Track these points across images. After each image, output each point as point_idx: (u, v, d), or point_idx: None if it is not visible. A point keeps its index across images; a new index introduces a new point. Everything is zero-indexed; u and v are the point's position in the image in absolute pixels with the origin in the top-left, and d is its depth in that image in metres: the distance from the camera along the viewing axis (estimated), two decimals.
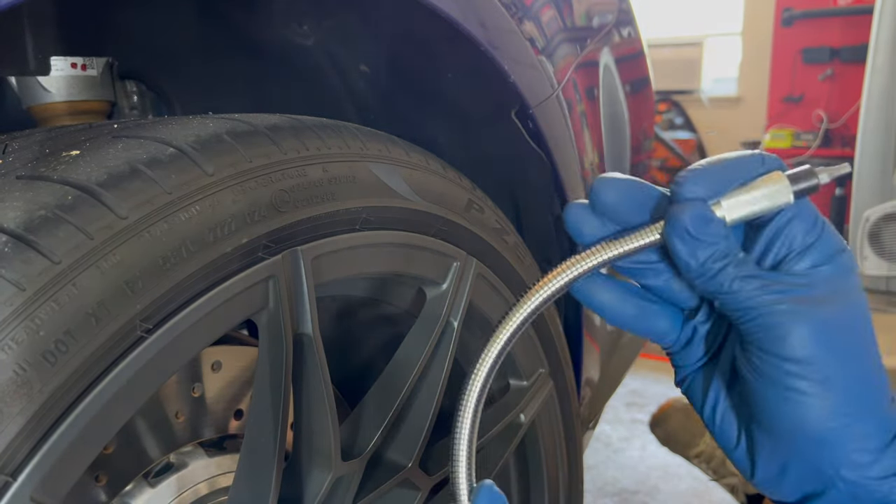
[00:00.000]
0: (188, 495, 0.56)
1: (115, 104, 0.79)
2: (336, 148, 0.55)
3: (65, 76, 0.72)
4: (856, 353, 0.35)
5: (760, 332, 0.34)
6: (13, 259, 0.36)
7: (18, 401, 0.35)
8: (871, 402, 0.35)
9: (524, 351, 0.76)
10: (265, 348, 0.50)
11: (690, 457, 1.54)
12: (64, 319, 0.37)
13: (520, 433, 0.75)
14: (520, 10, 0.73)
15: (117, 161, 0.42)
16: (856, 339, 0.35)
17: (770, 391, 0.35)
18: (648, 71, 1.27)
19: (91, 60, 0.74)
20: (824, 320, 0.34)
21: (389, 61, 0.76)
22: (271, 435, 0.49)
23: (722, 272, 0.34)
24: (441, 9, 0.60)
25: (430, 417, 0.63)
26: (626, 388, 2.32)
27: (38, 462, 0.36)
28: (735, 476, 1.46)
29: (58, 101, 0.72)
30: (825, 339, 0.34)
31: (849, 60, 3.61)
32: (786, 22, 3.79)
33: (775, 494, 0.39)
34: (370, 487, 0.59)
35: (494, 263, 0.71)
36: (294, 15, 0.73)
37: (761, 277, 0.34)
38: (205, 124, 0.48)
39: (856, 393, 0.35)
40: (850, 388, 0.34)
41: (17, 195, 0.39)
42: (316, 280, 0.52)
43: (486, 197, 0.72)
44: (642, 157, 1.23)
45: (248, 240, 0.46)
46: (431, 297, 0.65)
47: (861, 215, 3.24)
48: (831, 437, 0.35)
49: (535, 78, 0.74)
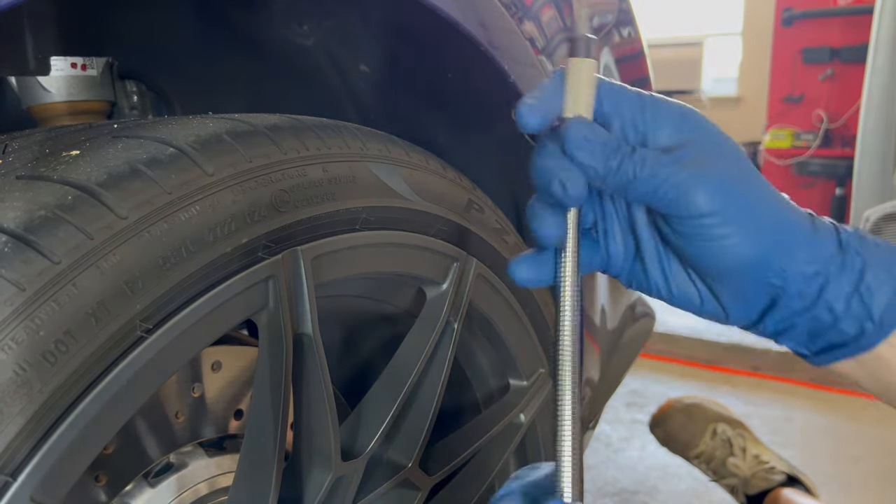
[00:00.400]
0: (188, 495, 0.56)
1: (115, 104, 0.79)
2: (336, 148, 0.55)
3: (65, 76, 0.72)
4: (754, 183, 0.41)
5: (673, 202, 0.39)
6: (13, 259, 0.36)
7: (18, 401, 0.35)
8: (787, 215, 0.42)
9: (524, 351, 0.76)
10: (265, 348, 0.50)
11: (690, 457, 1.54)
12: (64, 319, 0.37)
13: (520, 433, 0.75)
14: (520, 10, 0.73)
15: (117, 161, 0.42)
16: (746, 171, 0.41)
17: (705, 246, 0.41)
18: (648, 71, 1.26)
19: (91, 60, 0.74)
20: (719, 171, 0.39)
21: (389, 61, 0.76)
22: (271, 435, 0.49)
23: (622, 165, 0.39)
24: (441, 9, 0.60)
25: (430, 417, 0.63)
26: (626, 388, 2.32)
27: (38, 462, 0.36)
28: (735, 476, 1.46)
29: (58, 101, 0.72)
30: (726, 186, 0.39)
31: (849, 60, 3.61)
32: (786, 22, 3.79)
33: (753, 326, 0.45)
34: (370, 487, 0.59)
35: (494, 263, 0.71)
36: (294, 15, 0.73)
37: (651, 158, 0.39)
38: (205, 124, 0.48)
39: (771, 212, 0.41)
40: (764, 210, 0.41)
41: (17, 195, 0.39)
42: (316, 280, 0.52)
43: (486, 197, 0.72)
44: None
45: (248, 240, 0.46)
46: (431, 298, 0.65)
47: (861, 215, 3.24)
48: (768, 255, 0.41)
49: (535, 78, 0.74)
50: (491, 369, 0.77)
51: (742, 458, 1.46)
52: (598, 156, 0.39)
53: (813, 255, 0.42)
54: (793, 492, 1.37)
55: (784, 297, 0.43)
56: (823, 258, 0.42)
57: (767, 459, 1.46)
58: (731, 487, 1.47)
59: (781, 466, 1.44)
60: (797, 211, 0.43)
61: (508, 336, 0.74)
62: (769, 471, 1.43)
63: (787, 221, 0.42)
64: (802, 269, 0.42)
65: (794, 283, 0.42)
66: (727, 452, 1.48)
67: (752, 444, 1.49)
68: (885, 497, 1.64)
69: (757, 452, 1.47)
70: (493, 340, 0.74)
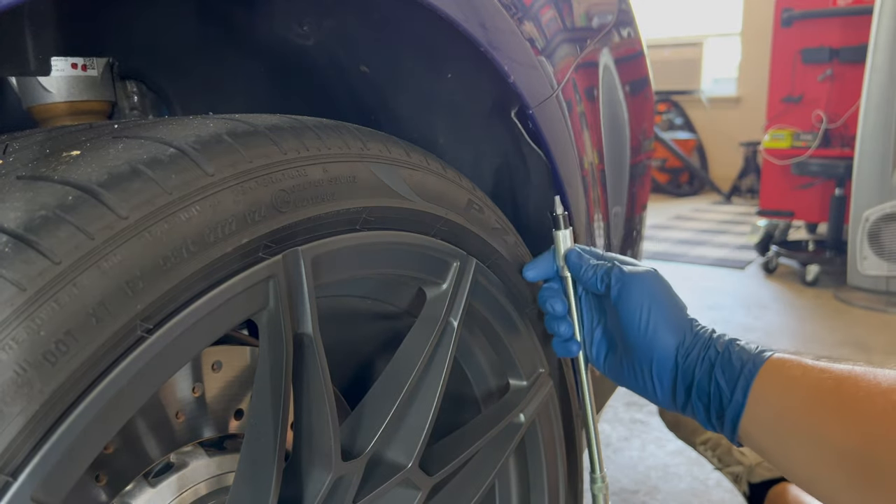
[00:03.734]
0: (188, 495, 0.56)
1: (116, 104, 0.79)
2: (336, 148, 0.55)
3: (65, 76, 0.72)
4: (669, 293, 0.67)
5: (621, 294, 0.66)
6: (14, 259, 0.36)
7: (19, 401, 0.35)
8: (682, 317, 0.66)
9: (524, 351, 0.76)
10: (265, 348, 0.50)
11: (696, 443, 1.54)
12: (65, 319, 0.37)
13: (520, 433, 0.75)
14: (520, 10, 0.73)
15: (118, 161, 0.42)
16: (666, 287, 0.67)
17: (631, 326, 0.66)
18: (648, 71, 1.27)
19: (91, 61, 0.74)
20: (649, 279, 0.66)
21: (389, 61, 0.76)
22: (271, 435, 0.49)
23: (595, 273, 0.68)
24: (441, 9, 0.60)
25: (430, 417, 0.63)
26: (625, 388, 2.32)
27: (39, 462, 0.36)
28: (740, 465, 1.46)
29: (58, 101, 0.72)
30: (649, 289, 0.65)
31: (848, 61, 3.61)
32: (785, 22, 3.78)
33: (664, 401, 0.68)
34: (370, 487, 0.59)
35: (494, 263, 0.71)
36: (294, 15, 0.73)
37: (608, 268, 0.68)
38: (205, 124, 0.48)
39: (675, 313, 0.66)
40: (671, 310, 0.66)
41: (18, 195, 0.39)
42: (316, 280, 0.52)
43: (486, 197, 0.72)
44: (642, 158, 1.23)
45: (249, 240, 0.46)
46: (431, 297, 0.65)
47: (861, 215, 3.24)
48: (670, 340, 0.65)
49: (534, 78, 0.74)
50: (491, 369, 0.77)
51: None
52: (581, 266, 0.69)
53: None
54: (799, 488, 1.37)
55: (677, 369, 0.65)
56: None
57: None
58: (735, 476, 1.46)
59: None
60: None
61: (508, 336, 0.74)
62: None
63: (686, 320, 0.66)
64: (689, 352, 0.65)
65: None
66: None
67: None
68: None
69: None
70: (492, 340, 0.74)
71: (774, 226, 4.03)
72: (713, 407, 0.63)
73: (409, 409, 0.64)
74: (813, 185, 3.83)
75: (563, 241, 0.71)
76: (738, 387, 0.60)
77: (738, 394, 0.60)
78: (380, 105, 0.81)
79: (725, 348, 0.63)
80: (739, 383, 0.60)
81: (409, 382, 0.61)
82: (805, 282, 3.59)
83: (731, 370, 0.61)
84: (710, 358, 0.63)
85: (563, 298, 0.71)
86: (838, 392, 0.55)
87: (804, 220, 4.13)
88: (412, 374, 0.61)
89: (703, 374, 0.63)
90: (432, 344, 0.63)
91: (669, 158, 6.80)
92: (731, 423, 0.62)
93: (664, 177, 6.92)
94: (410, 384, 0.61)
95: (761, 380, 0.60)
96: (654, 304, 0.64)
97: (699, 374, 0.63)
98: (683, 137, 6.93)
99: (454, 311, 0.65)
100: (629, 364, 0.68)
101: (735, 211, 6.01)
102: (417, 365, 0.61)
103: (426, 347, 0.62)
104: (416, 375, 0.61)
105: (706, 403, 0.63)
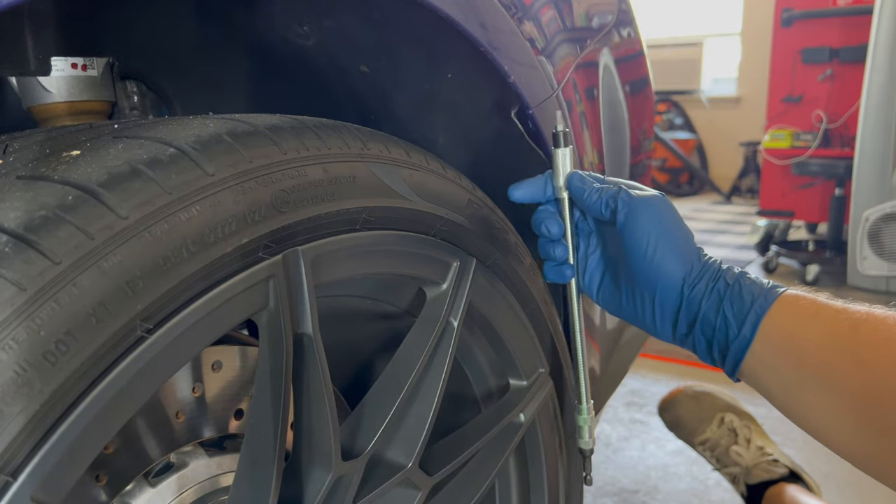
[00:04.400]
0: (188, 495, 0.56)
1: (116, 104, 0.79)
2: (336, 148, 0.55)
3: (65, 76, 0.72)
4: (678, 220, 0.62)
5: (628, 219, 0.61)
6: (14, 259, 0.36)
7: (19, 400, 0.35)
8: (690, 246, 0.62)
9: (524, 351, 0.76)
10: (265, 348, 0.50)
11: (695, 444, 1.54)
12: (65, 319, 0.37)
13: (520, 433, 0.75)
14: (520, 10, 0.73)
15: (118, 161, 0.42)
16: (674, 214, 0.62)
17: (636, 253, 0.61)
18: (648, 71, 1.27)
19: (91, 61, 0.74)
20: (658, 203, 0.61)
21: (389, 61, 0.76)
22: (271, 435, 0.49)
23: (600, 196, 0.63)
24: (441, 9, 0.60)
25: (430, 417, 0.63)
26: (625, 388, 2.33)
27: (39, 462, 0.36)
28: (738, 466, 1.46)
29: (58, 101, 0.72)
30: (658, 214, 0.61)
31: (848, 61, 3.61)
32: (785, 22, 3.78)
33: (662, 332, 0.64)
34: (370, 487, 0.59)
35: (494, 263, 0.71)
36: (294, 15, 0.73)
37: (615, 191, 0.63)
38: (205, 124, 0.48)
39: (683, 242, 0.62)
40: (679, 239, 0.62)
41: (18, 195, 0.39)
42: (316, 280, 0.52)
43: (486, 197, 0.72)
44: (642, 157, 1.23)
45: (249, 240, 0.46)
46: (431, 297, 0.65)
47: (861, 215, 3.24)
48: (677, 270, 0.61)
49: (534, 78, 0.74)
50: (491, 369, 0.77)
51: (746, 447, 1.47)
52: (584, 189, 0.64)
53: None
54: (797, 489, 1.37)
55: (684, 300, 0.61)
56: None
57: (771, 452, 1.46)
58: (733, 476, 1.47)
59: (784, 461, 1.44)
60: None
61: (508, 336, 0.74)
62: (772, 463, 1.43)
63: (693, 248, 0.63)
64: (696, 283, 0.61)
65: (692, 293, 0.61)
66: (732, 441, 1.49)
67: (757, 436, 1.50)
68: (882, 496, 1.64)
69: (761, 444, 1.47)
70: (492, 340, 0.74)
71: (774, 226, 4.03)
72: (717, 341, 0.59)
73: (409, 409, 0.64)
74: (813, 185, 3.83)
75: (563, 159, 0.65)
76: (746, 321, 0.57)
77: (746, 329, 0.57)
78: (380, 105, 0.81)
79: (736, 281, 0.59)
80: (749, 318, 0.57)
81: (409, 382, 0.61)
82: (805, 282, 3.59)
83: (741, 304, 0.58)
84: (718, 290, 0.59)
85: (559, 220, 0.66)
86: (854, 335, 0.52)
87: (804, 220, 4.13)
88: (412, 374, 0.61)
89: (710, 306, 0.59)
90: (432, 344, 0.63)
91: (669, 158, 6.80)
92: (733, 359, 0.59)
93: (664, 177, 6.92)
94: (410, 384, 0.61)
95: (772, 316, 0.56)
96: (662, 231, 0.60)
97: (706, 307, 0.59)
98: (683, 137, 6.93)
99: (454, 311, 0.65)
100: (629, 293, 0.64)
101: (735, 211, 6.01)
102: (417, 365, 0.61)
103: (426, 347, 0.62)
104: (416, 375, 0.61)
105: (710, 337, 0.60)
